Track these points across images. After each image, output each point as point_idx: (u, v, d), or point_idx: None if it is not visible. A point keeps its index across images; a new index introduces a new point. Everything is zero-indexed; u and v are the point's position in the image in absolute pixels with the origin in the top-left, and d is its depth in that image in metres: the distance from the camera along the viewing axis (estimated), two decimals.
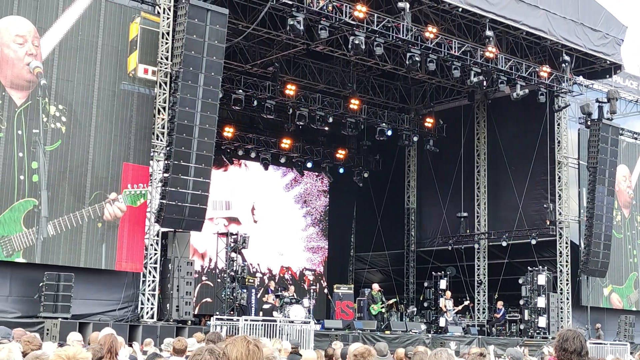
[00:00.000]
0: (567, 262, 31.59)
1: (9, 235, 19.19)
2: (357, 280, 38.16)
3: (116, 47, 21.46)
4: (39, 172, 19.45)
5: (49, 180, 19.75)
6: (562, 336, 5.55)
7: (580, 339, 5.50)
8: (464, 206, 34.72)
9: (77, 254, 20.57)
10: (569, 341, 5.47)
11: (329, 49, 29.42)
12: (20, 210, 19.23)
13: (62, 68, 20.41)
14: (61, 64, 20.43)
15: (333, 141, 37.92)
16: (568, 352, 5.46)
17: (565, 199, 31.87)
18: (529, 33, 28.91)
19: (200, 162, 21.98)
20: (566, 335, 5.52)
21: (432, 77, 32.37)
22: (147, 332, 20.44)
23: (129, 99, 21.63)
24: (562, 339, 5.52)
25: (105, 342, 8.75)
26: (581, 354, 5.46)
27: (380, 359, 9.60)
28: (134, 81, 21.74)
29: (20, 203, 19.26)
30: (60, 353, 4.68)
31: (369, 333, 24.79)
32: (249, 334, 21.02)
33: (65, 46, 20.55)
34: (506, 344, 25.46)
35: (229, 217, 35.21)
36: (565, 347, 5.48)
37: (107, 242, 21.12)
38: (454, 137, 35.68)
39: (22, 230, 19.43)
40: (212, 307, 31.39)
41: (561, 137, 31.97)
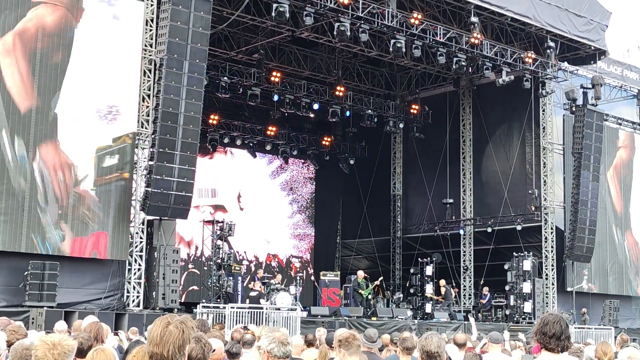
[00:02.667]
0: (552, 248, 31.73)
1: None
2: (343, 267, 38.23)
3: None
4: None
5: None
6: (542, 320, 5.56)
7: (561, 323, 5.48)
8: (450, 192, 34.81)
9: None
10: (548, 325, 5.47)
11: (314, 36, 29.35)
12: None
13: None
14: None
15: (319, 128, 37.87)
16: (547, 336, 5.46)
17: (551, 184, 31.97)
18: (513, 19, 28.91)
19: (185, 149, 21.91)
20: (547, 320, 5.52)
21: (417, 64, 32.36)
22: (133, 320, 20.43)
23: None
24: (542, 323, 5.53)
25: (91, 329, 8.70)
26: (560, 338, 5.45)
27: (370, 344, 9.59)
28: None
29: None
30: (46, 339, 4.65)
31: (356, 320, 24.86)
32: (236, 321, 21.04)
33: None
34: (492, 330, 25.56)
35: (215, 205, 35.15)
36: (544, 331, 5.48)
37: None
38: (440, 124, 35.73)
39: None
40: (198, 295, 31.37)
41: (546, 123, 32.05)
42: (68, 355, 4.64)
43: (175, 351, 4.13)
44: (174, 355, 4.13)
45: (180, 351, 4.15)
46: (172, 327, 4.16)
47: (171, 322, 4.19)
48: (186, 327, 4.20)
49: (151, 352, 4.18)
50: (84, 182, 21.72)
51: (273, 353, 6.10)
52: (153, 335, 4.18)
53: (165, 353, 4.12)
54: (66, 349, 4.63)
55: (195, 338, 4.80)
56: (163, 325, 4.18)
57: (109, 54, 22.16)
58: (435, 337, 6.23)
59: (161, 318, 4.25)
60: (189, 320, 4.26)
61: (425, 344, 6.16)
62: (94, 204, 21.80)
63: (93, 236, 21.74)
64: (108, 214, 22.01)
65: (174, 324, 4.17)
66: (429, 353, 6.11)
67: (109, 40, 22.19)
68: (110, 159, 22.17)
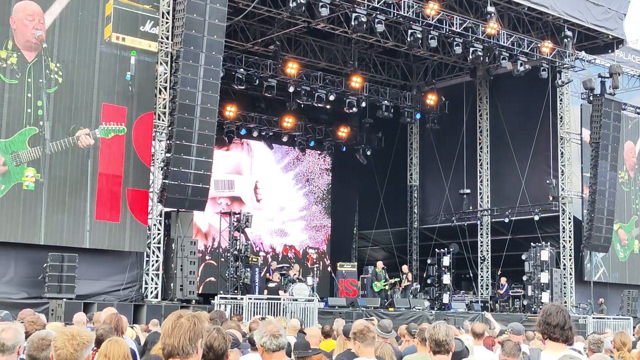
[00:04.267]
0: (570, 238, 31.64)
1: (18, 151, 21.09)
2: (360, 258, 38.25)
3: (95, 20, 22.70)
4: (43, 108, 21.56)
5: (49, 113, 21.68)
6: (545, 311, 5.60)
7: (564, 313, 5.55)
8: (467, 183, 34.75)
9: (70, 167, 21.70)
10: (552, 315, 5.52)
11: (330, 27, 29.30)
12: (26, 134, 21.32)
13: (59, 36, 22.02)
14: (58, 34, 22.04)
15: (335, 119, 37.85)
16: (551, 325, 5.51)
17: (568, 174, 31.86)
18: (530, 8, 28.77)
19: (202, 141, 21.99)
20: (549, 310, 5.57)
21: (433, 54, 32.25)
22: (152, 311, 20.56)
23: (105, 57, 22.68)
24: (545, 314, 5.58)
25: (111, 321, 8.79)
26: (564, 328, 5.50)
27: (385, 335, 9.62)
28: (109, 45, 22.69)
29: (26, 129, 21.28)
30: (65, 330, 4.71)
31: (373, 310, 24.88)
32: (254, 312, 21.13)
33: (61, 20, 22.08)
34: (509, 320, 25.56)
35: (232, 197, 35.23)
36: (548, 321, 5.52)
37: (91, 158, 22.12)
38: (456, 114, 35.64)
39: (27, 148, 21.23)
40: (216, 286, 31.48)
41: (563, 112, 31.91)
42: (87, 346, 4.70)
43: (186, 342, 4.19)
44: (185, 347, 4.19)
45: (191, 343, 4.20)
46: (184, 320, 4.24)
47: (183, 316, 4.27)
48: (198, 320, 4.27)
49: (164, 343, 4.25)
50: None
51: (266, 347, 6.15)
52: (165, 328, 4.26)
53: (176, 344, 4.19)
54: (85, 340, 4.69)
55: (216, 329, 4.86)
56: (175, 318, 4.26)
57: None
58: (443, 326, 6.25)
59: (175, 312, 4.33)
60: (202, 315, 4.32)
61: (433, 332, 6.18)
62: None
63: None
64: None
65: (185, 317, 4.25)
66: (437, 341, 6.14)
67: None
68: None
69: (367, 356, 7.02)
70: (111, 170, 22.36)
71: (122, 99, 22.75)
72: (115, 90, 22.67)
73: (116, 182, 22.38)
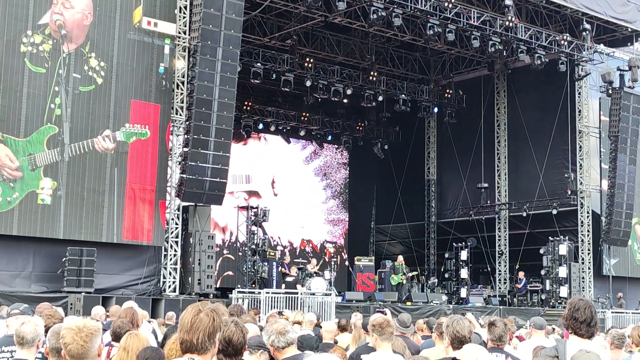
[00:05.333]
0: (588, 232, 31.47)
1: (34, 153, 20.58)
2: (377, 252, 38.23)
3: (127, 3, 22.16)
4: (62, 107, 20.96)
5: (72, 114, 21.10)
6: (573, 305, 5.55)
7: (591, 309, 5.50)
8: (485, 177, 34.65)
9: (91, 177, 21.30)
10: (579, 311, 5.47)
11: (347, 21, 29.25)
12: (45, 133, 20.80)
13: (99, 28, 21.67)
14: (99, 27, 21.69)
15: (352, 113, 37.86)
16: (578, 321, 5.46)
17: (587, 168, 31.68)
18: (548, 1, 28.62)
19: (219, 136, 22.02)
20: (577, 305, 5.52)
21: (451, 48, 32.15)
22: (170, 305, 20.61)
23: (134, 45, 22.19)
24: (573, 308, 5.52)
25: (126, 314, 8.84)
26: (590, 325, 5.46)
27: (404, 329, 9.62)
28: (138, 31, 22.25)
29: (45, 127, 20.76)
30: (71, 326, 4.73)
31: (390, 304, 24.86)
32: (271, 306, 21.16)
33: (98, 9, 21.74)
34: (527, 314, 25.51)
35: (249, 191, 35.31)
36: (575, 317, 5.48)
37: (118, 166, 21.71)
38: (474, 108, 35.52)
39: (44, 150, 20.71)
40: (233, 280, 31.56)
41: (582, 106, 31.72)
42: (95, 336, 4.71)
43: (205, 339, 4.16)
44: (204, 343, 4.16)
45: (210, 339, 4.18)
46: (203, 315, 4.19)
47: (202, 310, 4.21)
48: (217, 315, 4.23)
49: (182, 338, 4.21)
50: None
51: (275, 345, 6.22)
52: (184, 322, 4.20)
53: (194, 340, 4.15)
54: (92, 330, 4.71)
55: (233, 322, 4.85)
56: (194, 313, 4.20)
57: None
58: (465, 322, 6.22)
59: (193, 305, 4.27)
60: (220, 308, 4.29)
61: (458, 328, 6.13)
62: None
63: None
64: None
65: (204, 312, 4.20)
66: (462, 338, 6.10)
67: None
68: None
69: (385, 350, 7.02)
70: (140, 180, 22.11)
71: (154, 95, 22.42)
72: (145, 85, 22.30)
73: (146, 193, 22.26)
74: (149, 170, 22.24)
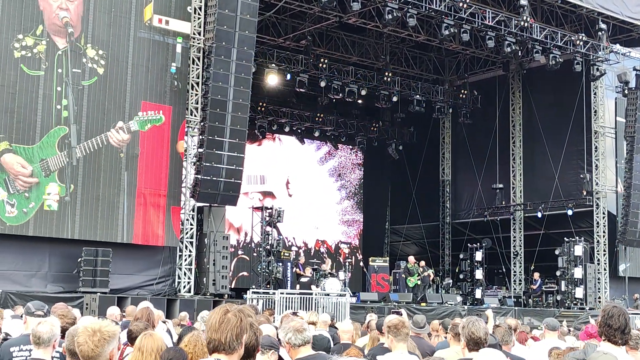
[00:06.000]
0: (604, 233, 31.33)
1: (46, 158, 20.44)
2: (392, 253, 38.20)
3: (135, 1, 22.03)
4: (68, 108, 20.79)
5: (77, 115, 20.93)
6: (607, 312, 5.52)
7: (625, 316, 5.47)
8: (500, 177, 34.55)
9: (102, 181, 21.24)
10: (614, 318, 5.45)
11: (362, 21, 29.25)
12: (55, 135, 20.66)
13: (90, 18, 21.35)
14: (96, 17, 21.43)
15: (367, 114, 37.86)
16: (612, 328, 5.44)
17: (602, 169, 31.53)
18: (564, 1, 28.52)
19: (234, 136, 22.05)
20: (611, 312, 5.49)
21: (466, 48, 32.08)
22: (185, 306, 20.66)
23: (144, 44, 22.11)
24: (607, 315, 5.49)
25: (142, 315, 8.86)
26: (624, 332, 5.43)
27: (418, 330, 9.62)
28: (149, 30, 22.16)
29: (55, 129, 20.64)
30: (87, 326, 4.74)
31: (405, 305, 24.82)
32: (286, 307, 21.16)
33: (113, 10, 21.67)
34: (543, 315, 25.41)
35: (264, 191, 35.34)
36: (609, 324, 5.45)
37: (129, 170, 21.65)
38: (489, 108, 35.43)
39: (57, 153, 20.63)
40: (248, 280, 31.60)
41: (598, 106, 31.58)
42: (108, 342, 4.70)
43: (233, 338, 4.21)
44: (232, 342, 4.21)
45: (237, 339, 4.23)
46: (231, 315, 4.25)
47: (230, 310, 4.28)
48: (244, 315, 4.29)
49: (209, 338, 4.26)
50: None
51: (292, 342, 6.24)
52: (212, 322, 4.27)
53: (223, 340, 4.21)
54: (106, 336, 4.70)
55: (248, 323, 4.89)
56: (222, 313, 4.27)
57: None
58: (481, 323, 6.20)
59: (221, 306, 4.35)
60: (247, 309, 4.34)
61: (474, 330, 6.12)
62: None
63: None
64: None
65: (232, 312, 4.26)
66: (477, 340, 6.08)
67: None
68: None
69: (400, 350, 7.02)
70: (151, 184, 22.07)
71: (166, 96, 22.39)
72: (157, 85, 22.25)
73: (158, 198, 22.23)
74: (162, 173, 22.19)
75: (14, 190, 20.02)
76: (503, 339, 8.11)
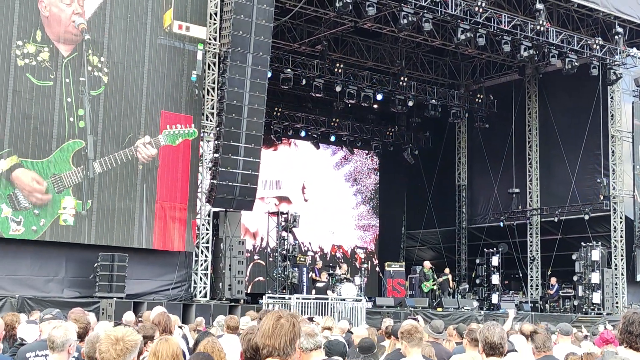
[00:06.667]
0: (621, 237, 31.15)
1: (59, 173, 20.14)
2: (408, 258, 38.11)
3: (153, 5, 21.86)
4: (85, 118, 20.50)
5: (94, 125, 20.64)
6: (627, 319, 5.47)
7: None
8: (516, 182, 34.42)
9: (119, 194, 21.03)
10: (634, 324, 5.40)
11: (377, 26, 29.24)
12: (69, 150, 20.35)
13: (106, 24, 21.18)
14: (105, 21, 21.20)
15: (382, 119, 37.83)
16: (633, 335, 5.39)
17: (619, 173, 31.36)
18: (580, 5, 28.42)
19: (250, 141, 22.08)
20: (632, 318, 5.44)
21: (481, 52, 31.99)
22: (201, 310, 20.67)
23: (164, 51, 21.98)
24: (627, 322, 5.44)
25: (160, 321, 8.86)
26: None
27: (436, 335, 9.59)
28: (169, 36, 22.05)
29: (69, 143, 20.34)
30: (110, 334, 4.73)
31: (421, 310, 24.76)
32: (301, 312, 21.15)
33: (110, 5, 21.30)
34: (559, 320, 25.24)
35: (280, 196, 35.35)
36: (630, 330, 5.41)
37: (147, 183, 21.50)
38: (505, 113, 35.30)
39: (71, 168, 20.36)
40: (264, 285, 31.60)
41: (614, 110, 31.42)
42: (131, 351, 4.69)
43: (287, 344, 4.29)
44: (286, 348, 4.28)
45: (291, 344, 4.30)
46: (284, 321, 4.32)
47: (282, 316, 4.35)
48: (296, 321, 4.37)
49: (263, 344, 4.32)
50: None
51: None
52: (265, 328, 4.33)
53: (277, 345, 4.27)
54: (129, 345, 4.69)
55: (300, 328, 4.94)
56: (275, 319, 4.33)
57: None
58: (497, 328, 6.17)
59: (273, 312, 4.41)
60: (298, 315, 4.38)
61: (488, 334, 6.09)
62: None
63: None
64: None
65: (285, 318, 4.34)
66: (492, 344, 6.06)
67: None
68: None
69: (414, 356, 6.99)
70: (170, 197, 22.05)
71: (182, 103, 22.32)
72: (174, 92, 22.17)
73: (177, 209, 22.21)
74: (180, 185, 22.13)
75: (21, 207, 19.66)
76: (545, 345, 8.03)
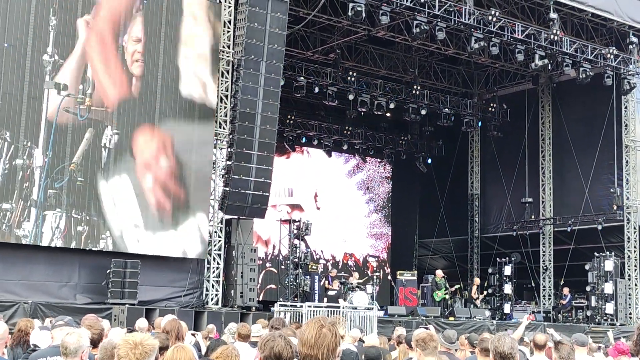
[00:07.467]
0: (635, 248, 31.00)
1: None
2: (420, 267, 38.01)
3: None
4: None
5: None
6: None
7: None
8: (529, 191, 34.31)
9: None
10: None
11: (390, 35, 29.26)
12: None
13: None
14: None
15: (395, 127, 37.80)
16: None
17: (633, 183, 31.23)
18: (594, 14, 28.36)
19: (262, 149, 22.11)
20: None
21: (495, 61, 31.94)
22: (212, 318, 20.67)
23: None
24: None
25: (172, 328, 8.86)
26: None
27: (449, 345, 9.56)
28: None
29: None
30: (128, 339, 4.75)
31: (433, 319, 24.67)
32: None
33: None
34: (572, 331, 25.14)
35: (292, 204, 35.37)
36: None
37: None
38: (518, 122, 35.21)
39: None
40: (276, 293, 31.60)
41: (629, 120, 31.31)
42: (149, 355, 4.71)
43: (329, 354, 4.19)
44: (328, 358, 4.18)
45: (333, 354, 4.20)
46: (326, 330, 4.21)
47: (324, 325, 4.23)
48: (337, 330, 4.27)
49: (305, 354, 4.22)
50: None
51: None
52: (307, 338, 4.22)
53: (319, 355, 4.18)
54: (147, 349, 4.71)
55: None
56: (317, 328, 4.22)
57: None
58: (508, 338, 6.16)
59: (314, 320, 4.30)
60: (338, 323, 4.31)
61: (498, 344, 6.09)
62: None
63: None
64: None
65: (327, 327, 4.22)
66: (502, 354, 6.04)
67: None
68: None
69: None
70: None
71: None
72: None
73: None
74: None
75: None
76: (569, 357, 7.98)
